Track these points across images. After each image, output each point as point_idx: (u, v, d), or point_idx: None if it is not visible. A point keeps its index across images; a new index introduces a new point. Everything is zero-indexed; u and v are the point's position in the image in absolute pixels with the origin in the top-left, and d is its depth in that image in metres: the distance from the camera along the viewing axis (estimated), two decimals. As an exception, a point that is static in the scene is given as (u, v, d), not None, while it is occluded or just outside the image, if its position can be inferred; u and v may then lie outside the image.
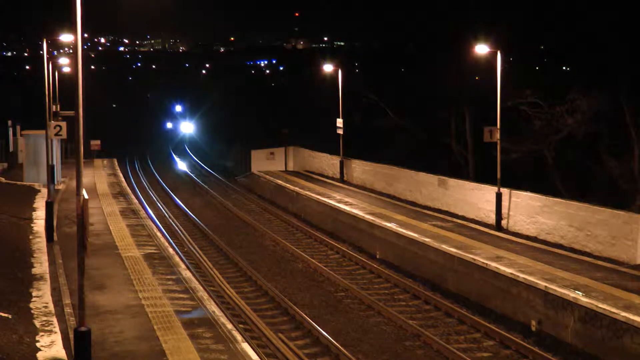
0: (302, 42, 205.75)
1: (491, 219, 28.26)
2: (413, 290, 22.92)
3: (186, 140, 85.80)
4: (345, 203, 33.01)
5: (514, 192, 27.48)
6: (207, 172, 57.37)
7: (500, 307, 20.47)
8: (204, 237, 31.56)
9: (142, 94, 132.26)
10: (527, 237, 25.78)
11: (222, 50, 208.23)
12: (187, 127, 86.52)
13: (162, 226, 32.34)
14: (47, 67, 28.36)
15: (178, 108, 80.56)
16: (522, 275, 19.74)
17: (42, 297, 16.82)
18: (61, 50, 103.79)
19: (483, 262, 21.44)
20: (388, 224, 27.72)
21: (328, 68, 47.70)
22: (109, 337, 14.66)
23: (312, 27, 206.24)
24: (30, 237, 24.03)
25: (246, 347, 14.38)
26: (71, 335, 13.86)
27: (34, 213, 28.65)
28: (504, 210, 27.58)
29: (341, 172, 42.34)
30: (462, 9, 49.68)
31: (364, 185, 39.71)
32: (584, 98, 38.31)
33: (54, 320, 15.19)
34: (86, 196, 11.97)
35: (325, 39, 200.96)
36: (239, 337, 14.94)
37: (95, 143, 53.54)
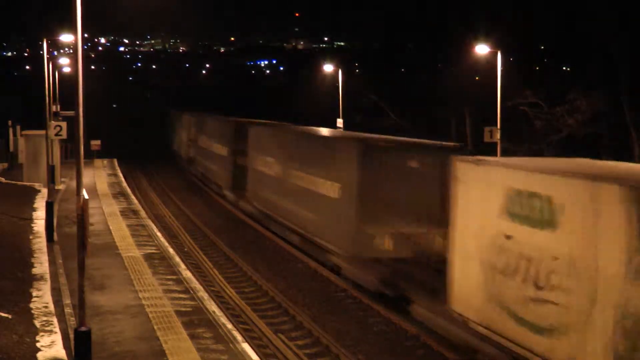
0: (302, 42, 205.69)
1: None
2: None
3: None
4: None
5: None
6: None
7: None
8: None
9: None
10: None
11: (222, 50, 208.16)
12: None
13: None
14: (47, 67, 28.39)
15: None
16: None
17: (42, 297, 16.83)
18: (61, 50, 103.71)
19: None
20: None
21: (328, 68, 47.71)
22: (109, 337, 14.66)
23: (312, 27, 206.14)
24: (31, 237, 24.04)
25: (246, 347, 14.38)
26: (71, 335, 13.86)
27: (34, 213, 28.66)
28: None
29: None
30: (462, 9, 49.73)
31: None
32: (584, 98, 38.35)
33: (54, 320, 15.20)
34: (86, 196, 11.97)
35: (326, 39, 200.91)
36: (239, 337, 14.94)
37: (96, 143, 53.50)
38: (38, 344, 13.57)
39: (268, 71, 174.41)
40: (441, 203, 17.99)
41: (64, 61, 52.48)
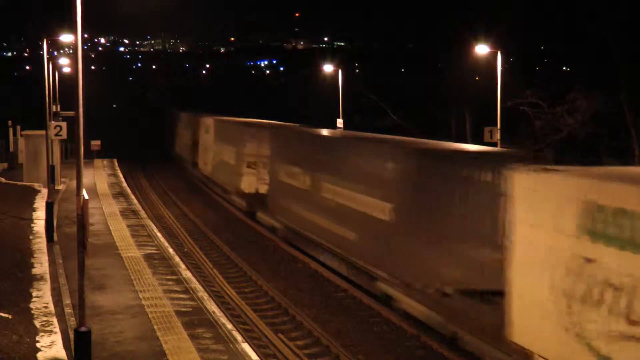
0: (302, 43, 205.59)
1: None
2: None
3: None
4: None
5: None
6: None
7: None
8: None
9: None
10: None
11: (222, 50, 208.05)
12: None
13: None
14: (47, 67, 28.39)
15: None
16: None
17: (42, 297, 16.82)
18: (61, 50, 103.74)
19: None
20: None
21: (328, 68, 47.71)
22: (109, 337, 14.66)
23: (312, 27, 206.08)
24: (31, 237, 24.03)
25: (246, 347, 14.38)
26: (71, 336, 13.86)
27: (34, 213, 28.65)
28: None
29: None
30: (462, 9, 49.78)
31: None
32: (584, 98, 38.34)
33: (54, 320, 15.19)
34: (86, 196, 11.97)
35: (326, 39, 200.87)
36: (239, 337, 14.94)
37: (95, 143, 53.48)
38: (38, 344, 13.57)
39: (268, 71, 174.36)
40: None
41: (64, 61, 52.49)
